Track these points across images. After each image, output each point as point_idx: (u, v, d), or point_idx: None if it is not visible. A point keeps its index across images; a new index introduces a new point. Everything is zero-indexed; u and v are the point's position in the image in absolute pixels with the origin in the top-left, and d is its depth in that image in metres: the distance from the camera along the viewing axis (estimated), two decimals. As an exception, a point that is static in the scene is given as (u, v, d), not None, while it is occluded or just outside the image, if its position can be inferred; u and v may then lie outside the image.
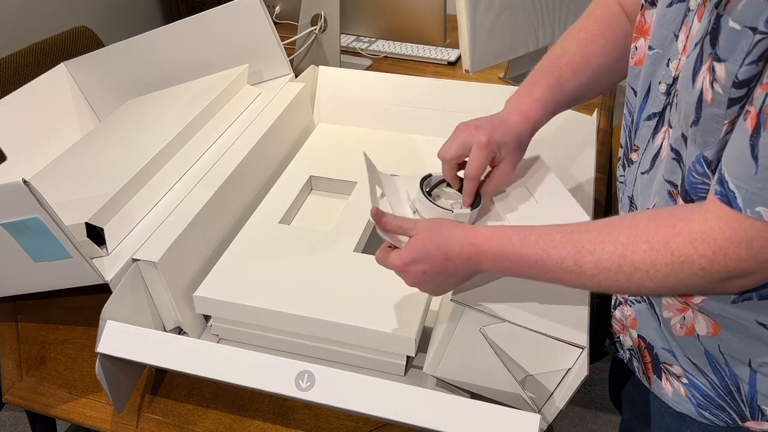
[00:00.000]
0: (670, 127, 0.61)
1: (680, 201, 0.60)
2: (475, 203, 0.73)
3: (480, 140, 0.70)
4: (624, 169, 0.71)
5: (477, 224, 0.73)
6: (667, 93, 0.62)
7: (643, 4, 0.66)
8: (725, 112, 0.51)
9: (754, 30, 0.47)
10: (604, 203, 1.20)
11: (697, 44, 0.54)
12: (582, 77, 0.75)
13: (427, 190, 0.75)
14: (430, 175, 0.76)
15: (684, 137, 0.57)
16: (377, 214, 0.66)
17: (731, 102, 0.50)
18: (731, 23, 0.48)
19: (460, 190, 0.75)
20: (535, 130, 0.75)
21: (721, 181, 0.51)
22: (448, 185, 0.76)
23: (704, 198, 0.57)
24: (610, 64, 0.75)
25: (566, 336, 0.66)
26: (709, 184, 0.56)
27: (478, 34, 1.25)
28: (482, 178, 0.73)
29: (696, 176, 0.57)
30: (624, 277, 0.55)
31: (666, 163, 0.62)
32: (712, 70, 0.51)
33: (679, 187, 0.60)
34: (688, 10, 0.58)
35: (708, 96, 0.52)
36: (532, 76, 0.77)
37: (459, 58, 1.65)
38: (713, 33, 0.51)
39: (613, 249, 0.55)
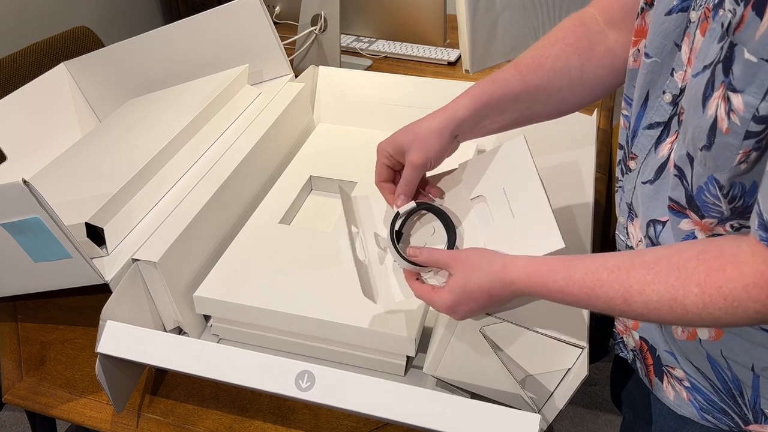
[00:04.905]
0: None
1: (692, 215, 0.59)
2: (449, 239, 0.71)
3: (381, 154, 0.72)
4: (623, 174, 0.70)
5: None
6: (674, 103, 0.60)
7: (643, 8, 0.64)
8: (740, 143, 0.50)
9: None
10: (604, 203, 1.20)
11: (706, 68, 0.52)
12: (529, 77, 0.71)
13: (397, 229, 0.71)
14: (397, 213, 0.71)
15: (690, 157, 0.56)
16: (413, 254, 0.68)
17: (748, 134, 0.49)
18: (747, 55, 0.47)
19: (427, 209, 0.73)
20: (458, 117, 0.71)
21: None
22: (420, 208, 0.72)
23: (717, 217, 0.56)
24: (570, 69, 0.71)
25: (566, 336, 0.66)
26: (720, 206, 0.55)
27: (478, 34, 1.24)
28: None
29: (708, 196, 0.56)
30: (674, 317, 0.54)
31: (671, 178, 0.60)
32: (727, 99, 0.50)
33: (684, 203, 0.59)
34: (689, 21, 0.57)
35: (723, 125, 0.50)
36: None
37: (459, 58, 1.65)
38: (726, 62, 0.49)
39: (663, 291, 0.54)
